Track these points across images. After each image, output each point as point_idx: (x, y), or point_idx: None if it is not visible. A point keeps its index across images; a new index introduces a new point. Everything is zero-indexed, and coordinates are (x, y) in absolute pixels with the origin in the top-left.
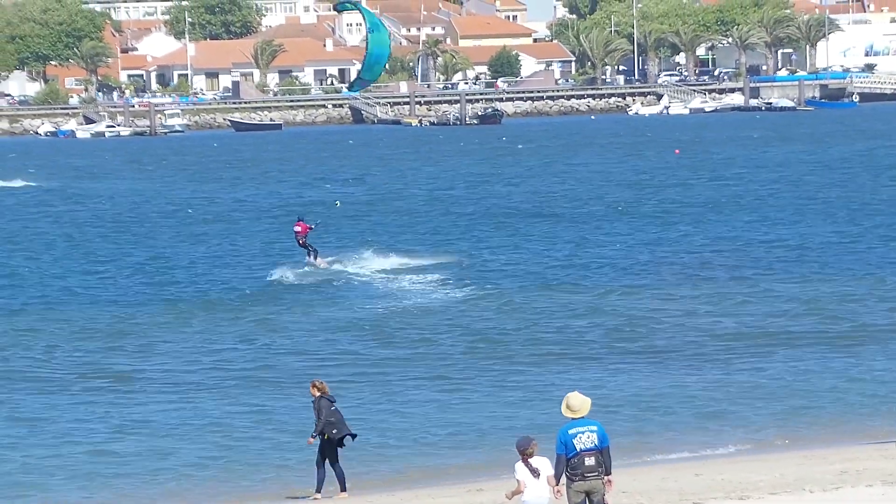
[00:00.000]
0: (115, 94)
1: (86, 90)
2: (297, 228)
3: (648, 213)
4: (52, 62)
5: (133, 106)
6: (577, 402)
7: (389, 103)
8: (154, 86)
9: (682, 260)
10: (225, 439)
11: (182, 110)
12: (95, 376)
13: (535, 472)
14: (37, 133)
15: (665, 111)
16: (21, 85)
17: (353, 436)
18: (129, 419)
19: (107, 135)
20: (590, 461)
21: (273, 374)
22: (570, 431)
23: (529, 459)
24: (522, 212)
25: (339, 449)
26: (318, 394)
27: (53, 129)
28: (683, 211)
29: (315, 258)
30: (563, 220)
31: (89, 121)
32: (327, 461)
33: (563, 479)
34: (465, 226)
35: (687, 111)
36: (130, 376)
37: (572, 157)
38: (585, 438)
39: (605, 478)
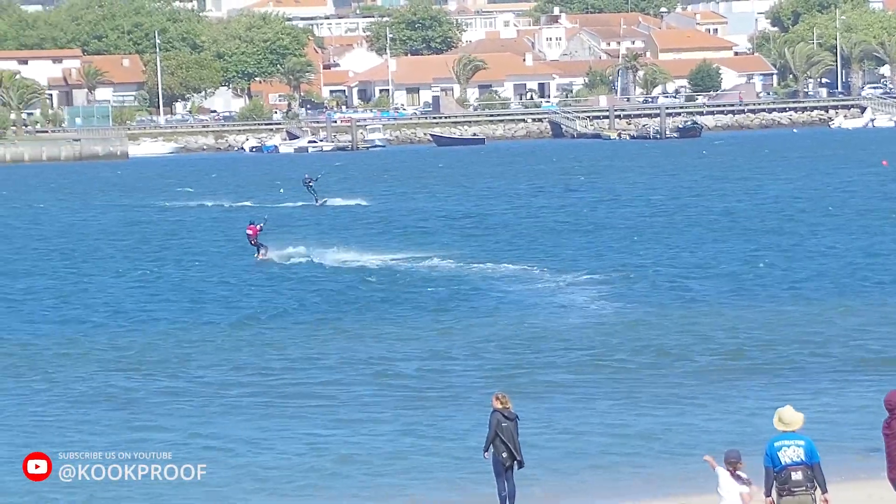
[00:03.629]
0: (327, 111)
1: (289, 106)
2: (249, 231)
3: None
4: (257, 78)
5: (335, 121)
6: (790, 416)
7: (589, 117)
8: (355, 101)
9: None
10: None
11: (383, 125)
12: (298, 391)
13: (741, 480)
14: (242, 149)
15: (870, 124)
16: (226, 101)
17: (519, 463)
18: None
19: (310, 150)
20: (797, 475)
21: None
22: (777, 444)
23: (737, 472)
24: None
25: (514, 464)
26: (498, 406)
27: (258, 145)
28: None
29: (266, 253)
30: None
31: (292, 136)
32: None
33: (774, 494)
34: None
35: (893, 124)
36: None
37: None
38: (791, 452)
39: (823, 496)
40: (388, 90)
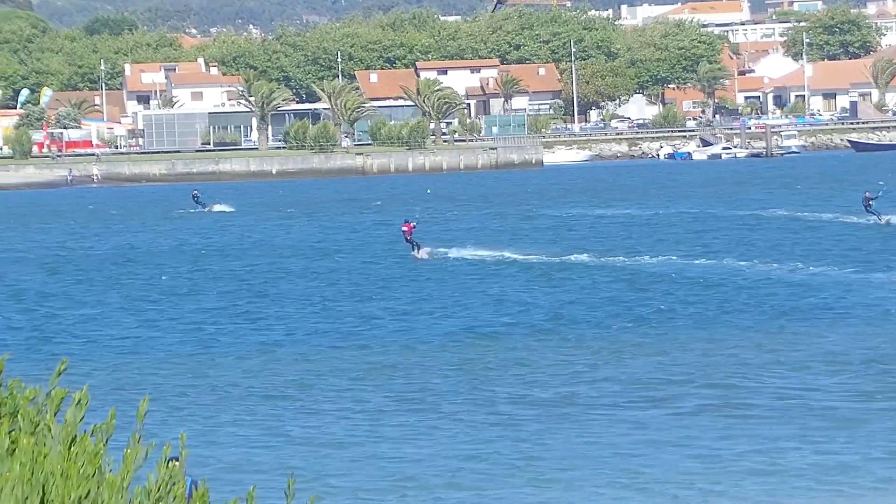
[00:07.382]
0: (741, 117)
1: (702, 112)
2: (405, 228)
3: None
4: (670, 85)
5: (749, 128)
6: None
7: None
8: (770, 107)
9: None
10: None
11: (798, 131)
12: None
13: None
14: (655, 156)
15: None
16: (640, 108)
17: None
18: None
19: (723, 157)
20: None
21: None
22: None
23: None
24: None
25: None
26: None
27: (672, 152)
28: None
29: (418, 251)
30: None
31: (706, 143)
32: None
33: None
34: None
35: None
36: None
37: None
38: None
39: None
40: (803, 96)
